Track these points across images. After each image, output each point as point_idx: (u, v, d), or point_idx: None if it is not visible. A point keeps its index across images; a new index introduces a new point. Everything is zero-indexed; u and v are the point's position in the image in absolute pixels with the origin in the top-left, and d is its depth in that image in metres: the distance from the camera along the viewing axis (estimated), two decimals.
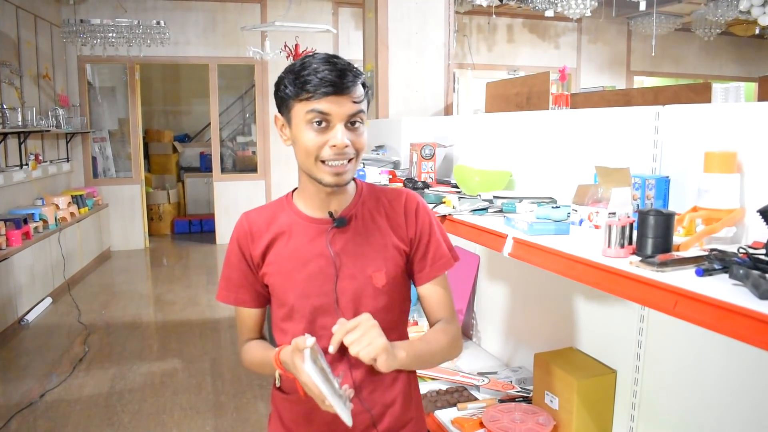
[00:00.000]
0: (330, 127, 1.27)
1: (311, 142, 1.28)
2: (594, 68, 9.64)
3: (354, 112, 1.28)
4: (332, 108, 1.25)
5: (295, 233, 1.40)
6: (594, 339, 1.97)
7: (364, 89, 1.32)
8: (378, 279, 1.38)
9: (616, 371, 1.86)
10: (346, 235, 1.39)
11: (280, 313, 1.43)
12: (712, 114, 1.51)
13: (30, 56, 6.26)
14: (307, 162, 1.32)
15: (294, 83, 1.27)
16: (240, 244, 1.43)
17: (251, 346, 1.49)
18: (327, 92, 1.24)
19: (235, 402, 3.64)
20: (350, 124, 1.29)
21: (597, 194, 1.55)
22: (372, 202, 1.44)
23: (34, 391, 3.78)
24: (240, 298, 1.46)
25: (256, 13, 8.04)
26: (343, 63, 1.28)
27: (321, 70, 1.25)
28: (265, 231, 1.42)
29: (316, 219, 1.40)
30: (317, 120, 1.26)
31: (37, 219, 5.59)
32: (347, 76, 1.26)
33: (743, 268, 1.04)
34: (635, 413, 1.79)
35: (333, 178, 1.30)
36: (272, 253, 1.41)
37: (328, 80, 1.24)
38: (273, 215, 1.44)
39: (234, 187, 8.35)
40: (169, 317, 5.30)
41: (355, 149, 1.30)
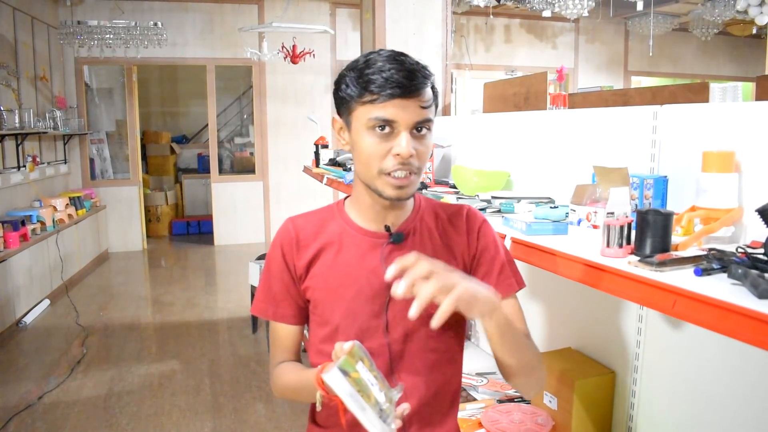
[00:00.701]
0: (394, 134, 1.14)
1: (373, 149, 1.15)
2: (591, 68, 9.65)
3: (422, 120, 1.15)
4: (398, 113, 1.12)
5: (345, 245, 1.26)
6: (593, 339, 1.97)
7: (433, 92, 1.19)
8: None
9: (614, 372, 1.86)
10: (401, 252, 1.21)
11: (320, 334, 1.29)
12: (710, 113, 1.52)
13: (27, 58, 6.25)
14: (366, 172, 1.19)
15: (356, 83, 1.15)
16: (284, 252, 1.29)
17: (286, 368, 1.32)
18: (393, 94, 1.11)
19: (233, 403, 3.64)
20: (416, 131, 1.15)
21: (595, 194, 1.55)
22: (430, 218, 1.31)
23: (32, 394, 3.77)
24: (280, 313, 1.31)
25: (253, 14, 8.03)
26: (412, 61, 1.16)
27: (387, 68, 1.12)
28: (313, 240, 1.28)
29: (371, 232, 1.27)
30: (380, 126, 1.14)
31: (34, 221, 5.58)
32: (416, 77, 1.13)
33: (742, 268, 1.04)
34: (634, 413, 1.79)
35: (395, 191, 1.17)
36: (318, 265, 1.27)
37: (395, 81, 1.11)
38: (322, 223, 1.30)
39: (232, 188, 8.34)
40: (167, 319, 5.29)
41: (419, 161, 1.17)
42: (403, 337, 1.24)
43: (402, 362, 1.24)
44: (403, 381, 1.22)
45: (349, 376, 1.04)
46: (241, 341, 4.68)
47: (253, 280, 4.53)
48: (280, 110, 8.24)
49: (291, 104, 8.24)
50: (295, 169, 7.67)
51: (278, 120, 8.26)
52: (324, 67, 8.27)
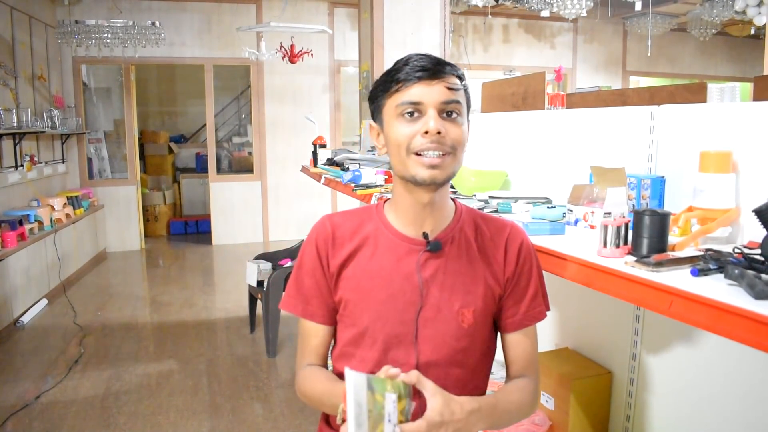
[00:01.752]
0: (422, 116, 1.15)
1: (401, 132, 1.16)
2: (590, 68, 9.66)
3: (448, 100, 1.15)
4: (423, 93, 1.14)
5: (381, 247, 1.25)
6: (589, 339, 1.97)
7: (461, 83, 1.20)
8: (465, 317, 1.23)
9: (611, 372, 1.87)
10: (438, 261, 1.23)
11: (347, 336, 1.27)
12: (707, 114, 1.52)
13: (25, 57, 6.24)
14: (398, 159, 1.18)
15: (386, 80, 1.19)
16: (319, 248, 1.27)
17: (313, 375, 1.28)
18: (419, 77, 1.14)
19: (231, 403, 3.63)
20: (446, 115, 1.16)
21: (592, 194, 1.55)
22: (470, 228, 1.29)
23: (29, 393, 3.76)
24: (309, 310, 1.29)
25: (251, 14, 8.03)
26: (437, 57, 1.19)
27: (413, 59, 1.17)
28: (349, 239, 1.26)
29: (408, 237, 1.25)
30: (408, 111, 1.15)
31: (32, 220, 5.57)
32: (441, 64, 1.17)
33: (738, 268, 1.04)
34: (631, 413, 1.79)
35: (428, 171, 1.15)
36: (352, 266, 1.25)
37: (420, 66, 1.15)
38: (360, 223, 1.29)
39: (230, 188, 8.33)
40: (165, 318, 5.29)
41: (452, 141, 1.15)
42: (430, 348, 1.22)
43: (429, 371, 1.20)
44: None
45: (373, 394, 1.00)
46: (239, 341, 4.68)
47: (251, 280, 4.52)
48: (278, 110, 8.24)
49: (289, 104, 8.23)
50: (293, 168, 7.66)
51: (276, 120, 8.25)
52: (322, 67, 8.27)
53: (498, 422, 1.20)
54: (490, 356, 1.33)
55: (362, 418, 0.99)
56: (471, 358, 1.26)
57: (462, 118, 1.18)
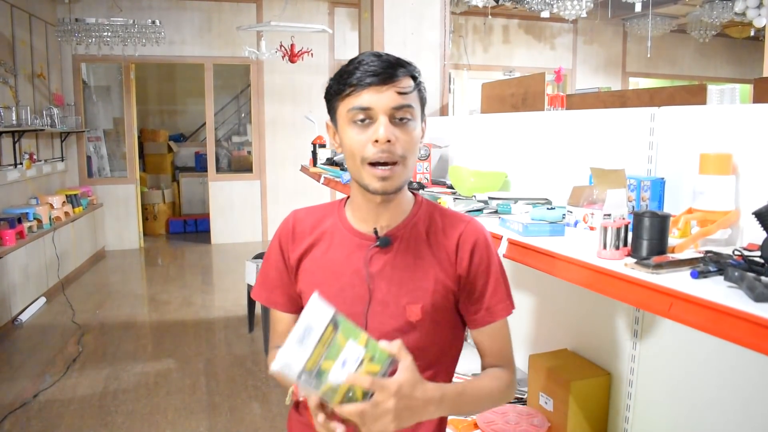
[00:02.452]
0: (373, 122, 1.15)
1: (354, 140, 1.17)
2: (589, 69, 9.66)
3: (398, 105, 1.15)
4: (373, 100, 1.14)
5: (335, 242, 1.29)
6: (589, 341, 1.97)
7: (415, 83, 1.20)
8: (412, 313, 1.23)
9: (610, 373, 1.86)
10: (386, 257, 1.25)
11: None
12: (707, 115, 1.52)
13: (25, 55, 6.24)
14: (353, 166, 1.20)
15: (338, 80, 1.19)
16: (281, 242, 1.34)
17: None
18: (369, 83, 1.13)
19: (229, 402, 3.63)
20: (398, 120, 1.16)
21: (592, 196, 1.54)
22: (424, 224, 1.29)
23: (27, 391, 3.76)
24: (272, 300, 1.36)
25: (251, 13, 8.03)
26: (391, 57, 1.18)
27: (364, 63, 1.16)
28: (308, 234, 1.32)
29: (359, 232, 1.28)
30: (360, 117, 1.15)
31: (31, 218, 5.57)
32: (393, 67, 1.16)
33: (738, 271, 1.04)
34: (629, 415, 1.79)
35: (379, 183, 1.17)
36: (309, 259, 1.31)
37: (370, 71, 1.14)
38: (321, 218, 1.33)
39: (229, 187, 8.33)
40: (163, 317, 5.28)
41: (402, 149, 1.16)
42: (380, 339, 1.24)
43: None
44: None
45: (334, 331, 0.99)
46: (237, 340, 4.67)
47: (249, 279, 4.52)
48: (277, 109, 8.23)
49: (289, 103, 8.23)
50: (293, 168, 7.66)
51: (276, 119, 8.25)
52: (322, 67, 8.26)
53: (464, 409, 1.23)
54: (450, 351, 1.33)
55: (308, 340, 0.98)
56: (424, 351, 1.24)
57: (414, 121, 1.19)
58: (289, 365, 0.97)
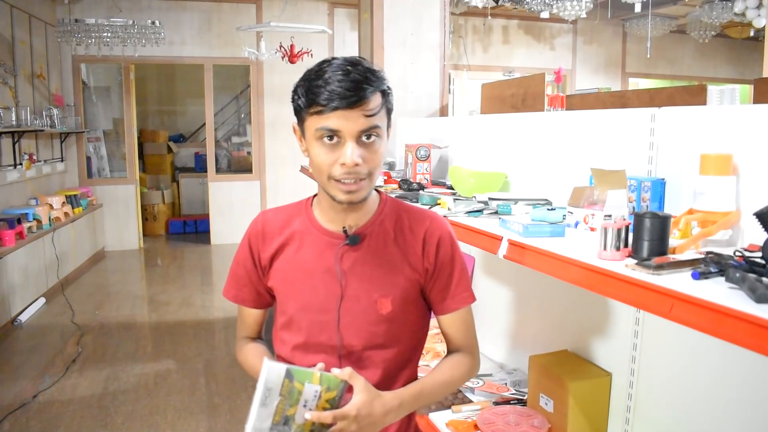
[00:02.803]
0: (341, 144, 1.19)
1: (322, 158, 1.21)
2: (589, 70, 9.66)
3: (366, 128, 1.19)
4: (342, 124, 1.17)
5: (306, 242, 1.34)
6: (589, 342, 1.97)
7: (384, 97, 1.24)
8: (383, 306, 1.30)
9: (611, 374, 1.86)
10: (356, 254, 1.31)
11: (280, 321, 1.40)
12: (708, 116, 1.51)
13: (24, 56, 6.24)
14: (319, 178, 1.26)
15: (305, 94, 1.21)
16: (251, 243, 1.40)
17: (249, 349, 1.47)
18: (337, 106, 1.16)
19: (228, 403, 3.63)
20: (365, 138, 1.20)
21: (593, 196, 1.54)
22: (392, 221, 1.35)
23: (26, 392, 3.75)
24: (240, 296, 1.45)
25: (251, 14, 8.02)
26: (359, 72, 1.19)
27: (332, 80, 1.17)
28: (278, 234, 1.37)
29: (329, 231, 1.33)
30: (328, 136, 1.19)
31: (30, 219, 5.56)
32: (360, 88, 1.17)
33: (739, 272, 1.04)
34: (630, 416, 1.79)
35: (345, 196, 1.22)
36: (281, 258, 1.36)
37: (337, 93, 1.16)
38: (289, 218, 1.38)
39: (229, 187, 8.33)
40: (163, 318, 5.28)
41: (368, 168, 1.21)
42: (351, 334, 1.31)
43: (350, 354, 1.32)
44: None
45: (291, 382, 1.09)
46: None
47: None
48: (277, 110, 8.23)
49: (288, 104, 7.85)
50: (292, 168, 7.66)
51: (276, 120, 8.24)
52: None
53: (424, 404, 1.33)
54: (416, 339, 1.40)
55: (270, 399, 1.09)
56: (394, 341, 1.33)
57: (381, 139, 1.24)
58: (260, 428, 1.08)
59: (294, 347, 1.36)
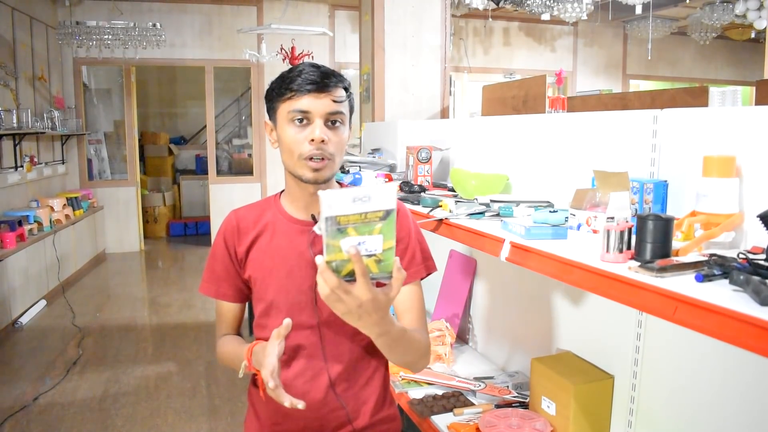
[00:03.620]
0: (310, 124, 1.33)
1: (292, 138, 1.33)
2: (590, 71, 9.66)
3: (333, 111, 1.33)
4: (312, 104, 1.32)
5: (278, 232, 1.44)
6: (591, 344, 1.96)
7: (346, 94, 1.38)
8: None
9: (613, 376, 1.85)
10: None
11: (259, 309, 1.46)
12: (710, 118, 1.51)
13: (25, 58, 6.24)
14: (289, 159, 1.37)
15: (280, 85, 1.35)
16: (226, 239, 1.48)
17: (226, 340, 1.53)
18: (308, 90, 1.31)
19: (229, 406, 3.62)
20: (330, 123, 1.34)
21: (595, 198, 1.54)
22: None
23: (27, 395, 3.75)
24: (221, 292, 1.51)
25: (252, 16, 8.03)
26: (327, 69, 1.36)
27: (305, 72, 1.33)
28: (252, 228, 1.46)
29: (299, 220, 1.44)
30: (298, 118, 1.32)
31: (31, 221, 5.56)
32: (329, 77, 1.34)
33: (743, 274, 1.03)
34: (633, 419, 1.78)
35: (312, 174, 1.34)
36: (255, 249, 1.45)
37: (310, 79, 1.32)
38: (260, 213, 1.49)
39: (229, 189, 8.33)
40: (163, 320, 5.28)
41: (333, 148, 1.34)
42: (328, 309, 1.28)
43: (329, 329, 1.40)
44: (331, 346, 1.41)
45: (384, 220, 1.00)
46: None
47: None
48: None
49: None
50: None
51: None
52: None
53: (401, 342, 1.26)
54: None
55: (359, 205, 0.99)
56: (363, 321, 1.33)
57: (344, 126, 1.38)
58: (331, 206, 0.99)
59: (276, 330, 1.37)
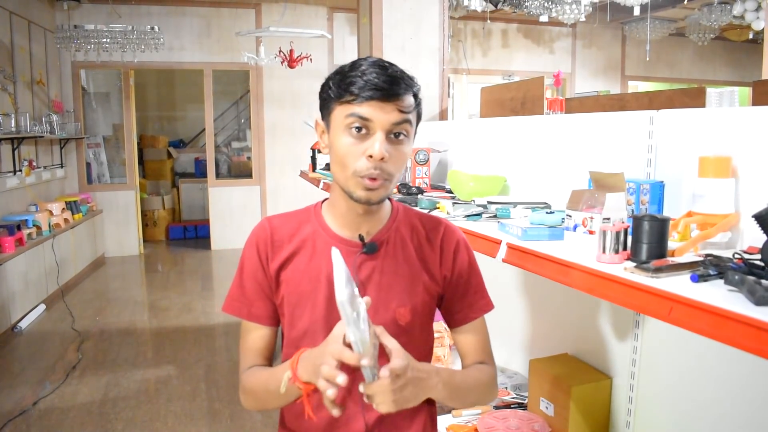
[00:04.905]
0: (369, 136, 1.13)
1: (347, 149, 1.14)
2: (588, 73, 9.67)
3: (399, 121, 1.13)
4: (374, 113, 1.11)
5: (318, 250, 1.25)
6: (589, 345, 1.96)
7: (415, 102, 1.19)
8: (402, 316, 1.24)
9: (611, 377, 1.86)
10: (374, 263, 1.24)
11: (291, 335, 1.28)
12: (706, 118, 1.51)
13: (24, 62, 6.24)
14: (340, 172, 1.18)
15: (339, 84, 1.15)
16: (259, 250, 1.28)
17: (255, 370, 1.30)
18: (372, 96, 1.11)
19: (229, 409, 3.62)
20: (393, 136, 1.14)
21: (591, 199, 1.54)
22: (406, 228, 1.30)
23: (27, 399, 3.75)
24: (254, 313, 1.29)
25: (250, 19, 8.04)
26: (396, 70, 1.16)
27: (369, 72, 1.13)
28: (288, 242, 1.27)
29: (344, 239, 1.25)
30: (357, 126, 1.12)
31: (30, 225, 5.56)
32: (397, 82, 1.13)
33: (738, 274, 1.03)
34: (631, 420, 1.78)
35: (365, 193, 1.15)
36: (290, 268, 1.26)
37: (374, 83, 1.11)
38: (298, 225, 1.29)
39: (229, 192, 8.33)
40: (163, 324, 5.27)
41: (393, 167, 1.15)
42: None
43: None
44: None
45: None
46: (238, 346, 4.66)
47: None
48: (277, 115, 8.24)
49: (288, 109, 8.23)
50: (292, 173, 7.66)
51: (275, 124, 8.25)
52: (321, 72, 8.26)
53: (456, 393, 1.22)
54: (429, 350, 1.35)
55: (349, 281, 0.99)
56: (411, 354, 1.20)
57: (408, 139, 1.19)
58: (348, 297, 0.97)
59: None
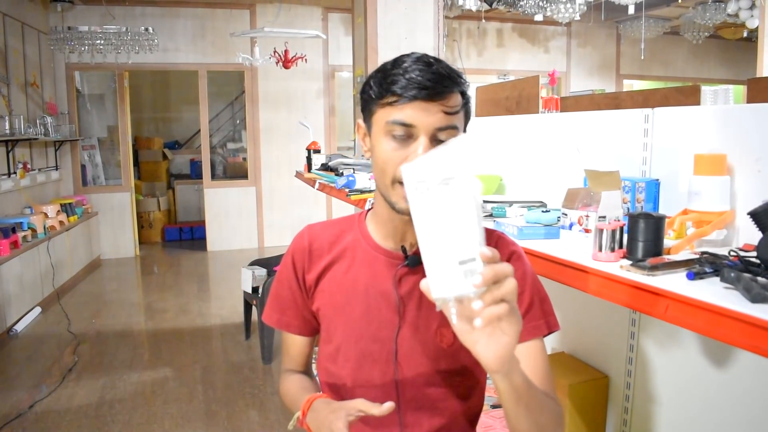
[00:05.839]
0: (412, 141, 1.04)
1: (388, 155, 1.05)
2: (583, 72, 9.68)
3: (443, 126, 1.03)
4: (418, 117, 1.02)
5: (358, 260, 1.19)
6: (586, 344, 1.97)
7: (464, 100, 1.08)
8: (445, 337, 1.14)
9: (608, 376, 1.86)
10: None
11: (325, 351, 1.23)
12: (701, 116, 1.51)
13: (17, 64, 6.22)
14: (381, 180, 1.09)
15: (380, 83, 1.06)
16: (295, 260, 1.23)
17: (291, 379, 1.30)
18: (415, 96, 1.01)
19: (226, 410, 3.61)
20: (438, 141, 1.02)
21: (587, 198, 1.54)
22: None
23: (23, 402, 3.73)
24: (284, 321, 1.27)
25: (245, 20, 8.02)
26: (443, 67, 1.05)
27: (413, 69, 1.03)
28: (327, 251, 1.21)
29: (386, 250, 1.18)
30: (398, 133, 1.04)
31: (25, 228, 5.54)
32: (444, 80, 1.03)
33: (734, 271, 1.03)
34: (628, 418, 1.78)
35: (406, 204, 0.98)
36: (328, 278, 1.21)
37: (417, 82, 1.01)
38: (340, 233, 1.23)
39: (224, 193, 8.31)
40: (159, 326, 5.26)
41: None
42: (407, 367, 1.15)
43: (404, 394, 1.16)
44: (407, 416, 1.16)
45: None
46: (234, 348, 4.65)
47: (246, 287, 4.51)
48: (272, 115, 8.23)
49: (283, 109, 8.23)
50: (288, 174, 7.65)
51: (270, 125, 8.24)
52: (316, 72, 8.27)
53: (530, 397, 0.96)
54: (480, 382, 1.25)
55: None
56: (456, 379, 1.17)
57: None
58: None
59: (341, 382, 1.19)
